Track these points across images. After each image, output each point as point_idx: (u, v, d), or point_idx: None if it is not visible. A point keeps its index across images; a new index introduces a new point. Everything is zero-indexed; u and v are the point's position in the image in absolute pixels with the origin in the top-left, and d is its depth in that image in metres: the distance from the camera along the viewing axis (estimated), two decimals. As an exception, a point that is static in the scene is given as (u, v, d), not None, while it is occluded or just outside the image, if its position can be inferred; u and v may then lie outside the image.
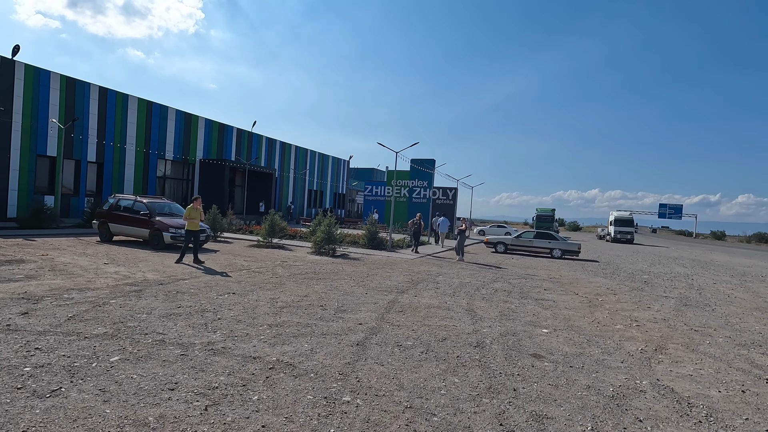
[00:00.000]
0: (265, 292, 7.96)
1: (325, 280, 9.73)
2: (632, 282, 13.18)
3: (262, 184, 35.07)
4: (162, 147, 27.41)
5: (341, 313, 6.77)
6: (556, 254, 20.03)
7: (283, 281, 9.28)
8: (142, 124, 26.05)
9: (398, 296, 8.50)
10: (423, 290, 9.38)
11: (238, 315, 6.26)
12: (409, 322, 6.54)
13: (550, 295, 9.84)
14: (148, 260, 10.93)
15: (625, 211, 53.07)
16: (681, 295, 11.20)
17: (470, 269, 13.85)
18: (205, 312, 6.29)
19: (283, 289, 8.36)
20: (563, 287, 11.25)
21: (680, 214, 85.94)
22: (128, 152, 25.31)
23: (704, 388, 4.69)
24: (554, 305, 8.73)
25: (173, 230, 12.99)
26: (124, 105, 24.97)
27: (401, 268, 12.91)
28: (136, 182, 25.93)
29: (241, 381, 3.96)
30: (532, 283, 11.65)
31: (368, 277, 10.58)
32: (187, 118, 29.21)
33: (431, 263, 14.76)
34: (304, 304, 7.25)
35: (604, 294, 10.60)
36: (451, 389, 4.15)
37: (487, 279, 11.81)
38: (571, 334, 6.58)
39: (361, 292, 8.68)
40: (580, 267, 16.82)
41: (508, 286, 10.85)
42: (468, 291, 9.69)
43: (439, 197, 32.55)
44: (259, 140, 36.49)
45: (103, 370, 4.01)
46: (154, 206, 13.85)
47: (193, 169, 30.09)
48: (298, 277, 9.89)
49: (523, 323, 7.03)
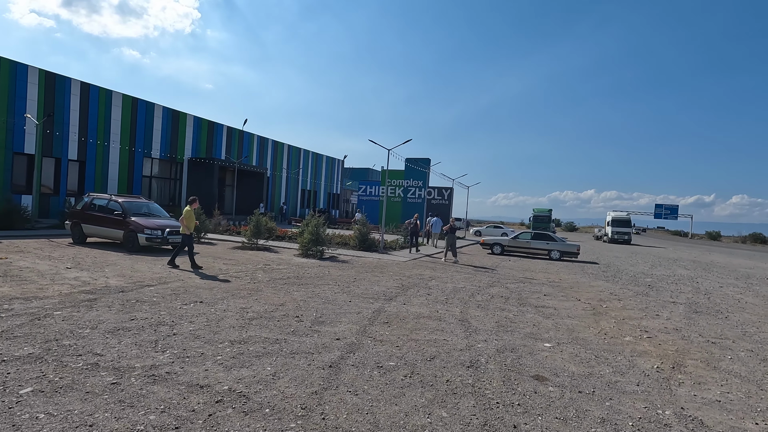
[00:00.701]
0: (237, 301, 7.18)
1: (307, 286, 8.96)
2: (636, 286, 12.48)
3: (253, 183, 34.23)
4: (148, 145, 26.54)
5: (318, 326, 6.01)
6: (554, 256, 19.33)
7: (261, 287, 8.51)
8: (126, 121, 25.17)
9: (385, 304, 7.74)
10: (413, 297, 8.63)
11: (198, 329, 5.48)
12: (394, 337, 5.78)
13: (550, 302, 9.12)
14: (118, 264, 10.12)
15: (623, 211, 52.55)
16: (689, 300, 10.50)
17: (465, 272, 13.11)
18: (160, 326, 5.51)
19: (258, 297, 7.58)
20: (564, 292, 10.53)
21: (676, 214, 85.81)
22: (112, 150, 24.43)
23: (738, 419, 3.96)
24: (556, 313, 7.99)
25: (149, 231, 12.18)
26: (107, 101, 24.09)
27: (392, 271, 12.16)
28: (121, 181, 25.05)
29: (174, 421, 3.18)
30: (531, 287, 10.93)
31: (355, 282, 9.82)
32: (174, 115, 28.34)
33: (424, 266, 14.01)
34: (278, 314, 6.47)
35: (608, 300, 9.88)
36: (438, 428, 3.39)
37: (483, 283, 11.07)
38: (576, 348, 5.85)
39: (345, 299, 7.92)
40: (580, 269, 16.12)
41: (505, 291, 10.12)
42: (462, 297, 8.94)
43: (434, 197, 31.82)
44: (251, 139, 35.64)
45: (5, 407, 3.23)
46: (130, 206, 13.03)
47: (182, 168, 29.23)
48: (278, 283, 9.11)
49: (523, 335, 6.28)
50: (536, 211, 48.04)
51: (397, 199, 32.67)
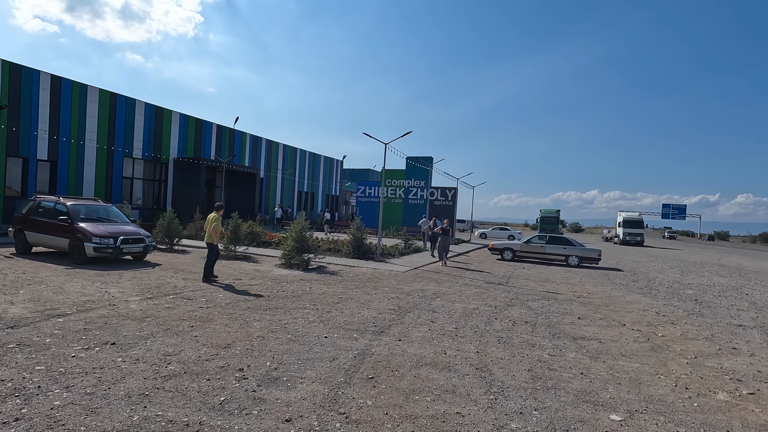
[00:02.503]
0: (167, 341, 5.18)
1: (275, 311, 6.95)
2: (681, 301, 10.43)
3: (245, 185, 32.28)
4: (129, 144, 24.62)
5: (266, 389, 4.00)
6: (572, 262, 17.27)
7: (213, 315, 6.51)
8: (104, 117, 23.26)
9: (374, 341, 5.72)
10: (412, 326, 6.60)
11: (68, 404, 3.48)
12: (381, 409, 3.77)
13: (589, 329, 7.08)
14: (45, 282, 8.13)
15: (634, 211, 50.41)
16: (757, 322, 8.44)
17: (475, 286, 11.09)
18: (11, 397, 3.52)
19: (201, 333, 5.59)
20: (600, 312, 8.49)
21: (684, 214, 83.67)
22: (88, 149, 22.51)
23: None
24: (603, 349, 5.97)
25: (98, 240, 10.20)
26: (82, 96, 22.18)
27: (388, 286, 10.14)
28: (98, 183, 23.13)
29: None
30: (558, 306, 8.89)
31: (340, 304, 7.80)
32: (158, 112, 26.43)
33: (426, 278, 11.99)
34: (214, 366, 4.47)
35: (658, 324, 7.84)
36: None
37: (499, 302, 9.04)
38: (659, 420, 3.83)
39: (320, 333, 5.91)
40: (605, 278, 14.07)
41: (528, 313, 8.08)
42: (476, 325, 6.92)
43: (437, 198, 29.77)
44: (243, 138, 33.69)
45: None
46: (79, 209, 11.06)
47: (166, 169, 27.30)
48: (239, 307, 7.11)
49: (573, 398, 4.26)
50: (543, 212, 45.84)
51: (398, 200, 30.66)
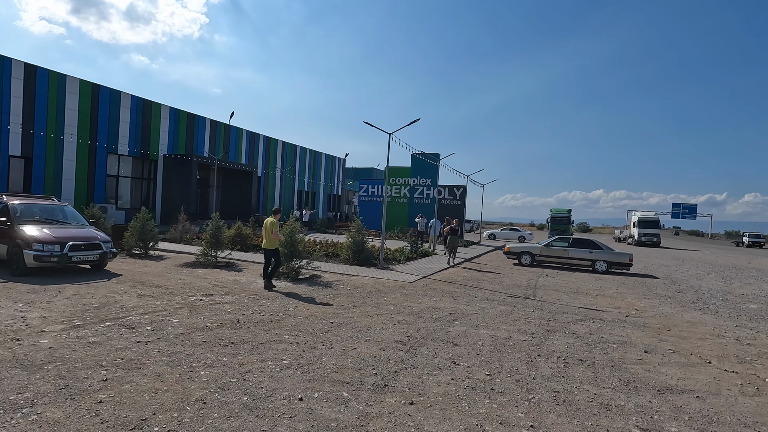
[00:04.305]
0: (51, 413, 3.34)
1: (238, 348, 5.10)
2: (751, 320, 8.50)
3: (241, 184, 30.52)
4: (113, 139, 22.89)
5: None
6: (600, 268, 15.33)
7: (147, 357, 4.67)
8: (86, 111, 21.55)
9: (372, 406, 3.85)
10: (428, 374, 4.72)
11: None
12: None
13: (669, 371, 5.18)
14: (-47, 303, 6.34)
15: (650, 211, 48.33)
16: None
17: (497, 299, 9.20)
18: None
19: (116, 392, 3.74)
20: (667, 341, 6.59)
21: (695, 213, 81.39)
22: (67, 145, 20.81)
23: None
24: (709, 412, 4.07)
25: (39, 246, 8.40)
26: (60, 87, 20.47)
27: (393, 303, 8.26)
28: (79, 181, 21.43)
29: None
30: (610, 331, 6.99)
31: (329, 333, 5.95)
32: (146, 106, 24.70)
33: (438, 290, 10.10)
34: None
35: (749, 358, 5.92)
36: None
37: (534, 326, 7.14)
38: None
39: (293, 390, 4.05)
40: (644, 288, 12.14)
41: (577, 344, 6.19)
42: (515, 368, 5.03)
43: (444, 197, 27.82)
44: (239, 134, 31.92)
45: None
46: (23, 209, 9.27)
47: (155, 167, 25.58)
48: (191, 341, 5.27)
49: None
50: (554, 212, 43.74)
51: (403, 199, 28.76)
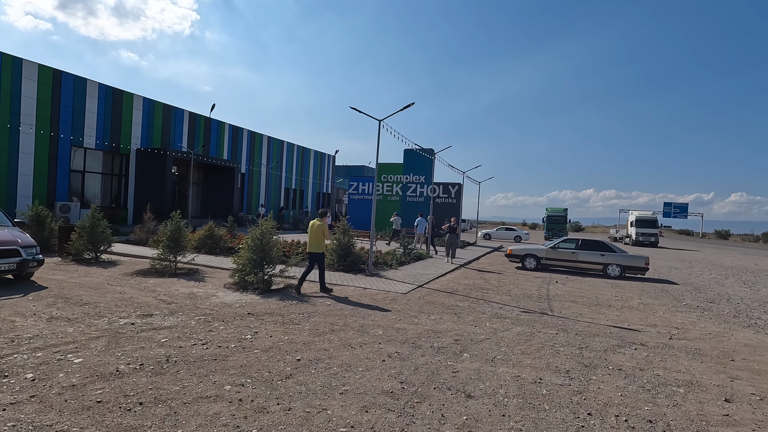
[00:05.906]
0: None
1: (147, 414, 3.42)
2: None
3: (222, 181, 28.65)
4: (78, 131, 20.95)
5: None
6: (612, 272, 13.85)
7: None
8: (46, 100, 19.58)
9: None
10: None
11: None
12: None
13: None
14: None
15: (648, 210, 47.29)
16: None
17: (510, 316, 7.59)
18: None
19: None
20: (732, 374, 5.02)
21: (686, 213, 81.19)
22: (23, 136, 18.83)
23: None
24: None
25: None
26: (15, 72, 18.49)
27: (382, 324, 6.60)
28: (39, 177, 19.46)
29: None
30: (661, 363, 5.42)
31: (289, 381, 4.27)
32: (116, 95, 22.76)
33: (437, 304, 8.47)
34: None
35: None
36: None
37: (567, 358, 5.54)
38: None
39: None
40: (670, 297, 10.64)
41: (631, 389, 4.59)
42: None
43: (439, 195, 26.22)
44: (221, 127, 30.00)
45: None
46: None
47: (127, 162, 23.64)
48: (84, 397, 3.57)
49: None
50: (550, 211, 42.41)
51: (395, 197, 27.08)
